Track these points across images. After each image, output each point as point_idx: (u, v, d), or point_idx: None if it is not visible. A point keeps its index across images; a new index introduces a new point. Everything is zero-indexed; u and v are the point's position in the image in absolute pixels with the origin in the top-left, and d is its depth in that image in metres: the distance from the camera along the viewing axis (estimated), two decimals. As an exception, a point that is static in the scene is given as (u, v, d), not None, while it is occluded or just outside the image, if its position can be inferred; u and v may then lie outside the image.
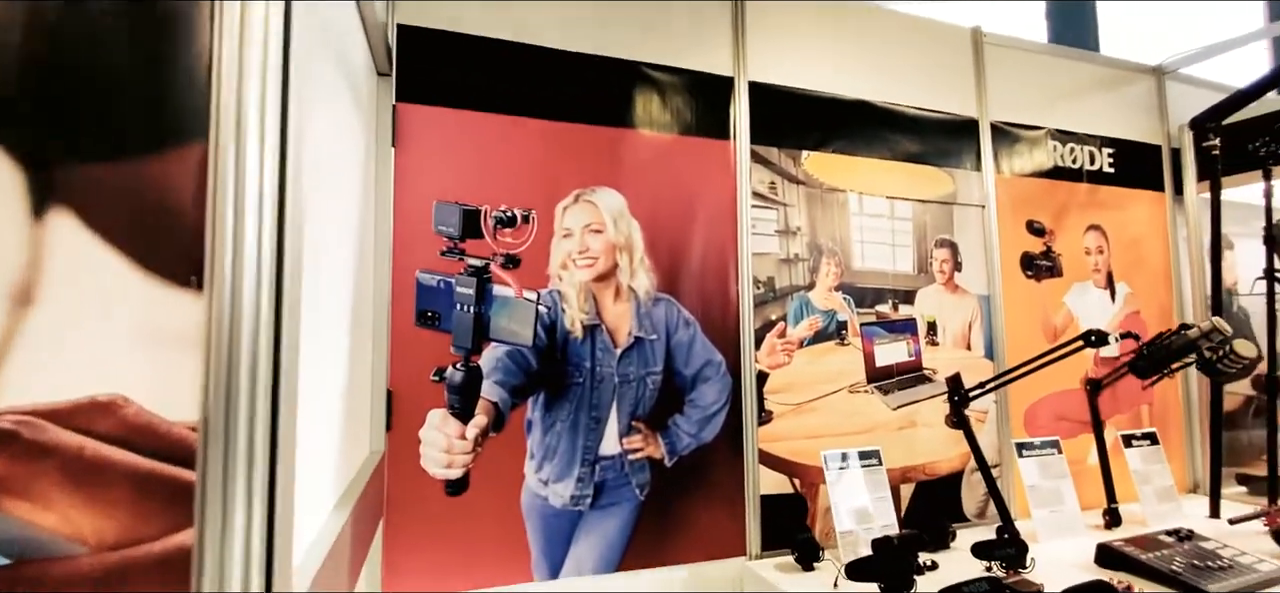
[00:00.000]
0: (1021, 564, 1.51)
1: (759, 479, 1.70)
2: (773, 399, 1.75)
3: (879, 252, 1.94)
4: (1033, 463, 1.88)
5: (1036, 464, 1.88)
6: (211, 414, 0.49)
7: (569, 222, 1.57)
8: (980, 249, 2.09)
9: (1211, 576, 1.42)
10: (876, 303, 1.91)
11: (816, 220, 1.85)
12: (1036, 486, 1.86)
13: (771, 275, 1.78)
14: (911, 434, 1.91)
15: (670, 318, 1.65)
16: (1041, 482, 1.87)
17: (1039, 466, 1.88)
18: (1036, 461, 1.88)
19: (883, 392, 1.89)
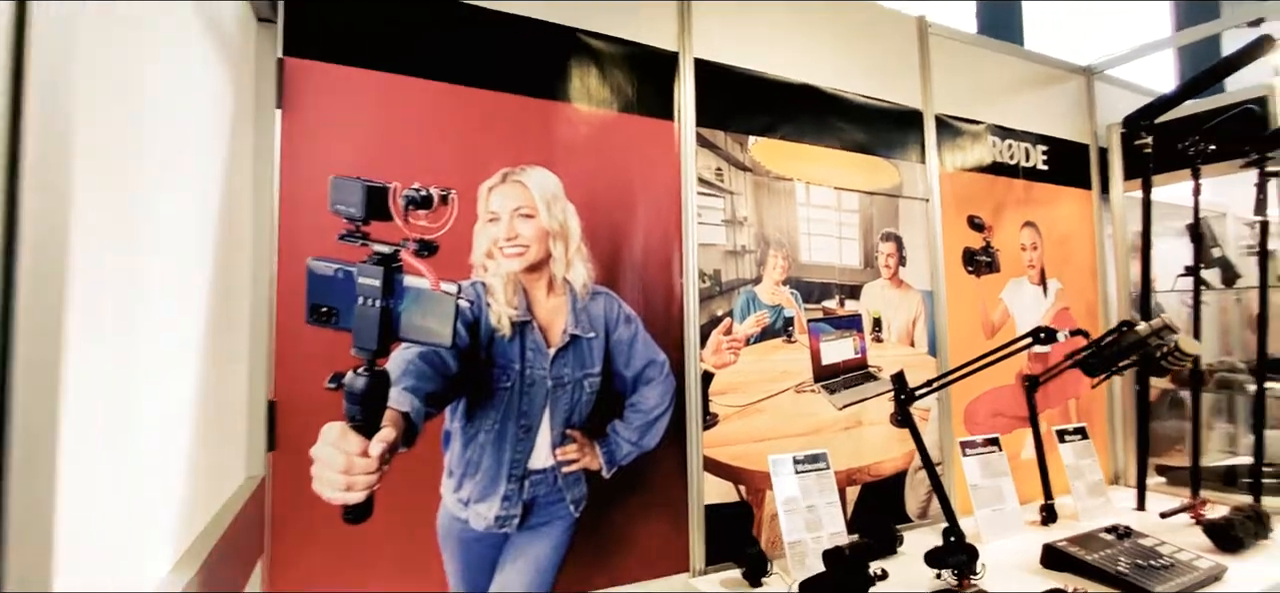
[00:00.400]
0: (973, 571, 1.45)
1: (703, 488, 1.57)
2: (718, 401, 1.63)
3: (826, 245, 1.85)
4: (975, 462, 1.85)
5: (978, 463, 1.85)
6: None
7: (495, 204, 1.38)
8: (924, 244, 2.04)
9: (1156, 576, 1.40)
10: (823, 298, 1.83)
11: (764, 210, 1.74)
12: (979, 485, 1.83)
13: (718, 268, 1.66)
14: (857, 434, 1.84)
15: (610, 314, 1.49)
16: (983, 481, 1.84)
17: (981, 464, 1.86)
18: (978, 459, 1.86)
19: (829, 391, 1.81)
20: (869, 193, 1.94)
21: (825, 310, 1.83)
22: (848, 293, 1.88)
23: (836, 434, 1.80)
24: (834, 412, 1.81)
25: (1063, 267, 2.39)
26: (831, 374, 1.82)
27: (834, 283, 1.85)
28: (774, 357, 1.73)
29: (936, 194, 2.06)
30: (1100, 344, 1.54)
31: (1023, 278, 2.28)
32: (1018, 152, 2.31)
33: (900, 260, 1.99)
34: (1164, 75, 4.05)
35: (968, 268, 2.14)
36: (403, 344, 1.28)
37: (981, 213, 2.19)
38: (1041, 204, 2.36)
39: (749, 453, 1.65)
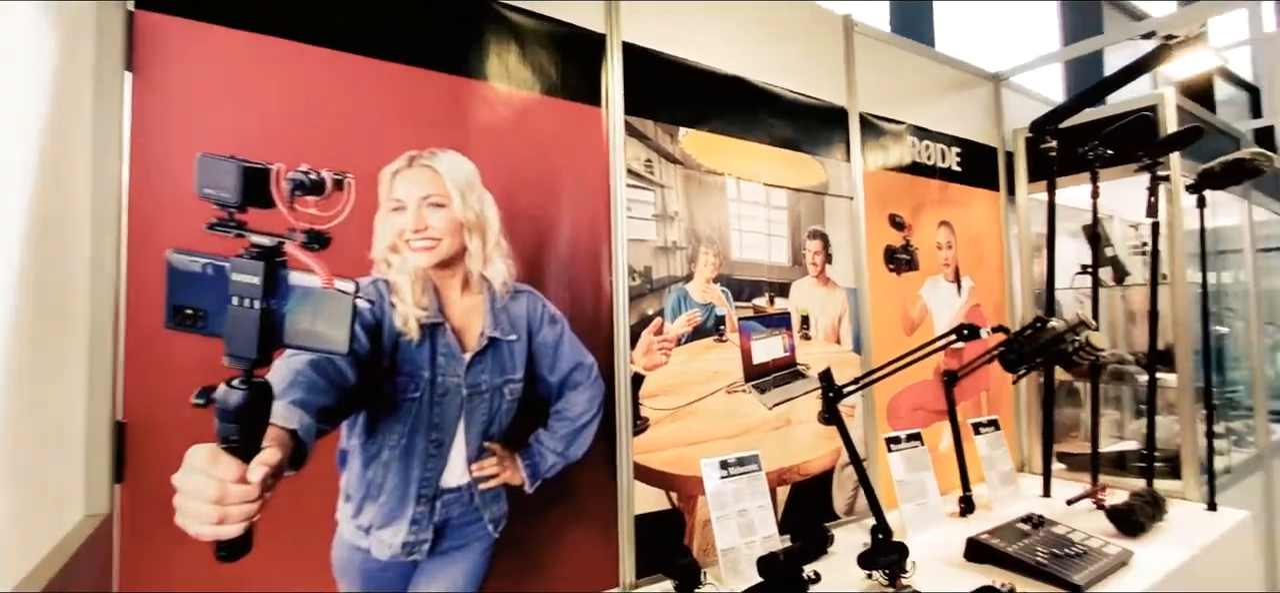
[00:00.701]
0: (903, 570, 1.45)
1: (633, 497, 1.48)
2: (649, 405, 1.54)
3: (756, 242, 1.81)
4: (900, 457, 1.87)
5: (903, 458, 1.87)
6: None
7: (401, 191, 1.23)
8: (849, 242, 2.05)
9: (1072, 565, 1.44)
10: (753, 296, 1.79)
11: (695, 205, 1.67)
12: (903, 480, 1.85)
13: (648, 265, 1.57)
14: (786, 434, 1.81)
15: (533, 314, 1.37)
16: (907, 475, 1.86)
17: (905, 459, 1.88)
18: (903, 455, 1.88)
19: (760, 390, 1.77)
20: (797, 189, 1.92)
21: (755, 309, 1.79)
22: (777, 290, 1.84)
23: (767, 434, 1.76)
24: (764, 412, 1.77)
25: (975, 265, 2.48)
26: (762, 373, 1.78)
27: (764, 280, 1.81)
28: (706, 357, 1.66)
29: (860, 192, 2.07)
30: (1018, 340, 1.58)
31: (939, 275, 2.34)
32: (934, 152, 2.38)
33: (827, 258, 1.98)
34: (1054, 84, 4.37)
35: (889, 266, 2.18)
36: (288, 352, 1.10)
37: (902, 212, 2.23)
38: (956, 204, 2.44)
39: (680, 458, 1.58)
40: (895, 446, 1.87)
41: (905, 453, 1.87)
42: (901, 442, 1.88)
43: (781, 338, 1.85)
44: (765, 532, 1.54)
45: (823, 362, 1.93)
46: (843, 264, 2.02)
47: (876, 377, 1.71)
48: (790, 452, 1.82)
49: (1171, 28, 2.08)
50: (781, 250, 1.87)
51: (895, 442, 1.88)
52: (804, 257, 1.92)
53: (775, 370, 1.82)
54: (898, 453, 1.86)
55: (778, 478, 1.78)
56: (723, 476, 1.53)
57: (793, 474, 1.82)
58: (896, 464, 1.85)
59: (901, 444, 1.88)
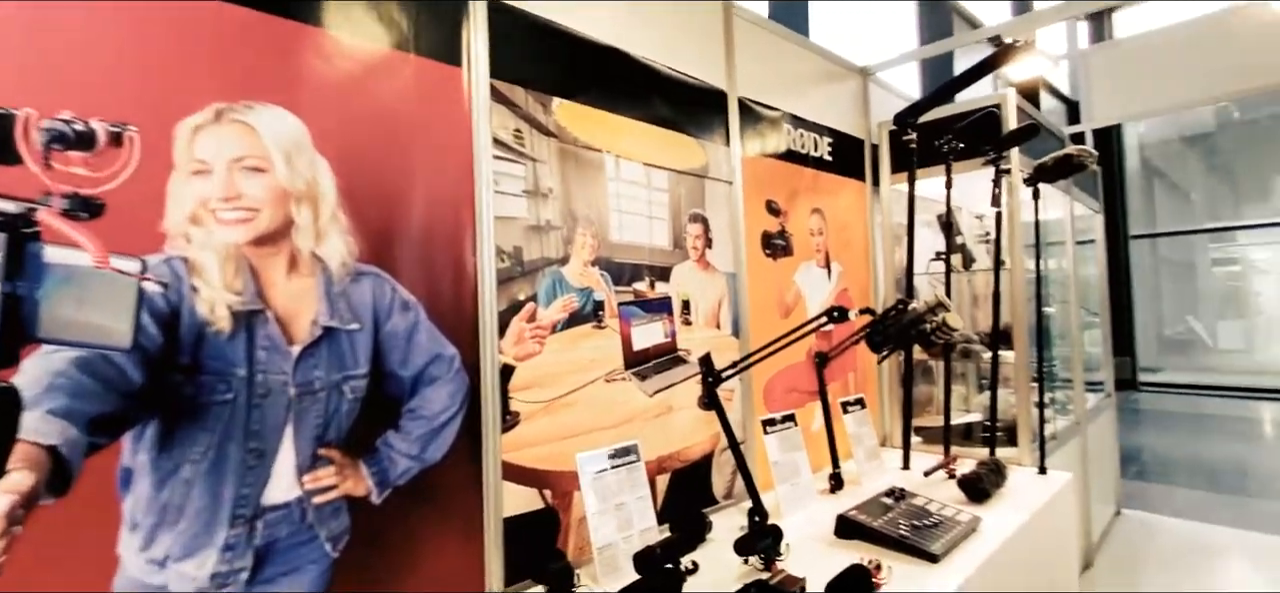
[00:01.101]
0: (778, 552, 1.44)
1: (502, 498, 1.36)
2: (520, 398, 1.42)
3: (636, 224, 1.74)
4: (775, 439, 1.89)
5: (778, 439, 1.89)
6: None
7: (205, 150, 1.01)
8: (728, 226, 2.04)
9: (931, 535, 1.51)
10: (634, 280, 1.71)
11: (571, 182, 1.57)
12: (779, 461, 1.87)
13: (519, 246, 1.44)
14: (666, 421, 1.77)
15: (381, 300, 1.20)
16: (782, 456, 1.89)
17: (780, 440, 1.90)
18: (778, 436, 1.90)
19: (640, 378, 1.70)
20: (679, 171, 1.87)
21: (636, 293, 1.72)
22: (658, 274, 1.79)
23: (648, 423, 1.71)
24: (645, 400, 1.71)
25: (843, 251, 2.59)
26: (642, 360, 1.72)
27: (644, 264, 1.75)
28: (583, 345, 1.57)
29: (739, 177, 2.07)
30: (883, 321, 1.64)
31: (812, 261, 2.41)
32: (808, 141, 2.44)
33: (707, 242, 1.95)
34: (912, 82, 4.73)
35: (766, 251, 2.20)
36: (44, 348, 0.87)
37: (778, 198, 2.26)
38: (827, 192, 2.52)
39: (555, 453, 1.48)
40: (771, 427, 1.88)
41: (780, 434, 1.90)
42: (776, 423, 1.91)
43: (662, 323, 1.79)
44: (644, 525, 1.48)
45: (703, 347, 1.90)
46: (722, 249, 2.01)
47: (754, 360, 1.71)
48: (670, 439, 1.78)
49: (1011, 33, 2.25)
50: (662, 233, 1.81)
51: (771, 423, 1.89)
52: (685, 240, 1.88)
53: (656, 357, 1.77)
54: (773, 435, 1.88)
55: (657, 467, 1.73)
56: (600, 469, 1.44)
57: (672, 462, 1.78)
58: (772, 446, 1.86)
59: (777, 426, 1.90)
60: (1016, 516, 1.76)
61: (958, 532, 1.55)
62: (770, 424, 1.89)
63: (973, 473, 1.88)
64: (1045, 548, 1.90)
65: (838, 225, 2.56)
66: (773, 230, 2.23)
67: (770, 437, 1.87)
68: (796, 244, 2.33)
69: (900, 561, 1.47)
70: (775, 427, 1.90)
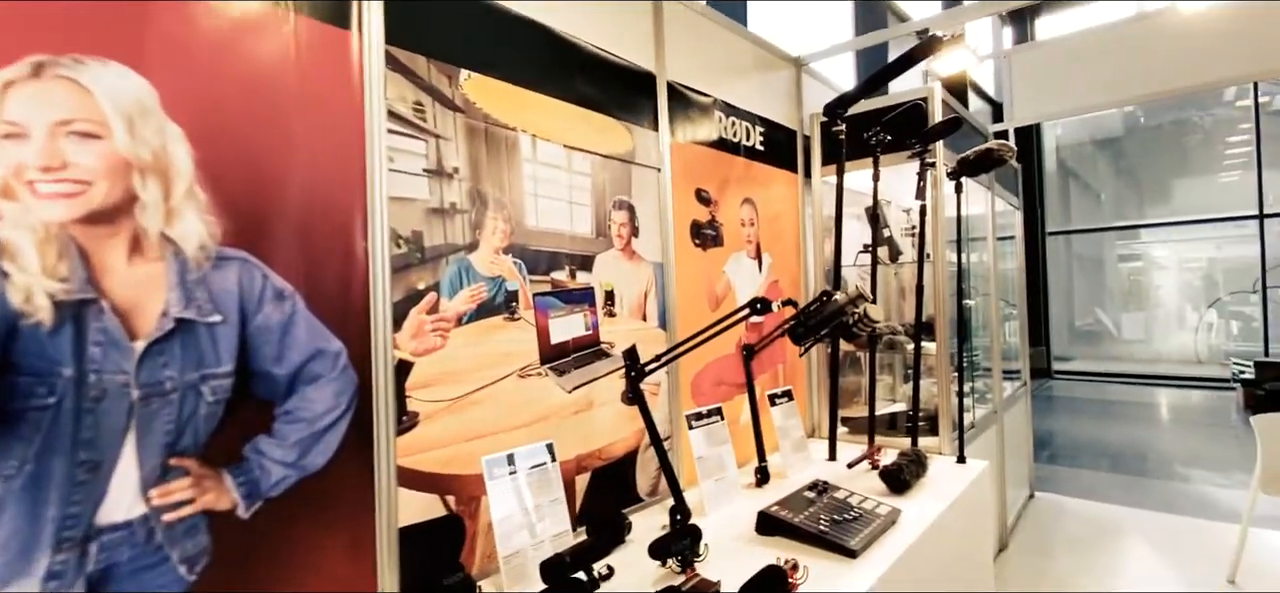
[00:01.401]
0: (697, 554, 1.39)
1: (396, 507, 1.25)
2: (419, 397, 1.31)
3: (555, 210, 1.64)
4: (701, 433, 1.84)
5: (703, 434, 1.85)
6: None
7: (19, 111, 0.85)
8: (656, 214, 1.97)
9: (850, 529, 1.50)
10: (552, 269, 1.62)
11: (481, 163, 1.45)
12: (704, 456, 1.82)
13: (419, 230, 1.32)
14: (587, 418, 1.69)
15: (248, 288, 1.07)
16: (708, 451, 1.84)
17: (706, 435, 1.85)
18: (704, 430, 1.85)
19: (558, 372, 1.61)
20: (603, 156, 1.78)
21: (554, 283, 1.62)
22: (579, 264, 1.70)
23: (566, 420, 1.62)
24: (563, 396, 1.62)
25: (774, 242, 2.56)
26: (561, 354, 1.63)
27: (564, 252, 1.66)
28: (494, 338, 1.46)
29: (667, 164, 2.00)
30: (806, 313, 1.61)
31: (742, 251, 2.37)
32: (740, 130, 2.39)
33: (633, 230, 1.88)
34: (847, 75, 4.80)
35: (695, 241, 2.14)
36: None
37: (708, 187, 2.21)
38: (758, 183, 2.49)
39: (460, 456, 1.37)
40: (696, 422, 1.83)
41: (705, 429, 1.85)
42: (702, 417, 1.86)
43: (584, 315, 1.71)
44: (557, 529, 1.40)
45: (628, 339, 1.83)
46: (649, 238, 1.94)
47: (678, 353, 1.65)
48: (591, 436, 1.70)
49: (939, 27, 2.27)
50: (584, 220, 1.72)
51: (697, 418, 1.84)
52: (609, 228, 1.80)
53: (577, 350, 1.68)
54: (698, 429, 1.83)
55: (577, 466, 1.65)
56: (508, 472, 1.35)
57: (594, 460, 1.70)
58: (697, 441, 1.81)
59: (702, 420, 1.85)
60: (935, 505, 1.77)
61: (877, 526, 1.54)
62: (696, 418, 1.84)
63: (894, 465, 1.89)
64: (962, 536, 1.94)
65: (769, 216, 2.54)
66: (702, 220, 2.18)
67: (695, 431, 1.82)
68: (727, 234, 2.29)
69: (819, 557, 1.45)
70: (701, 421, 1.85)
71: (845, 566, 1.41)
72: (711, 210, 2.22)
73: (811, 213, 2.75)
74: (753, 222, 2.44)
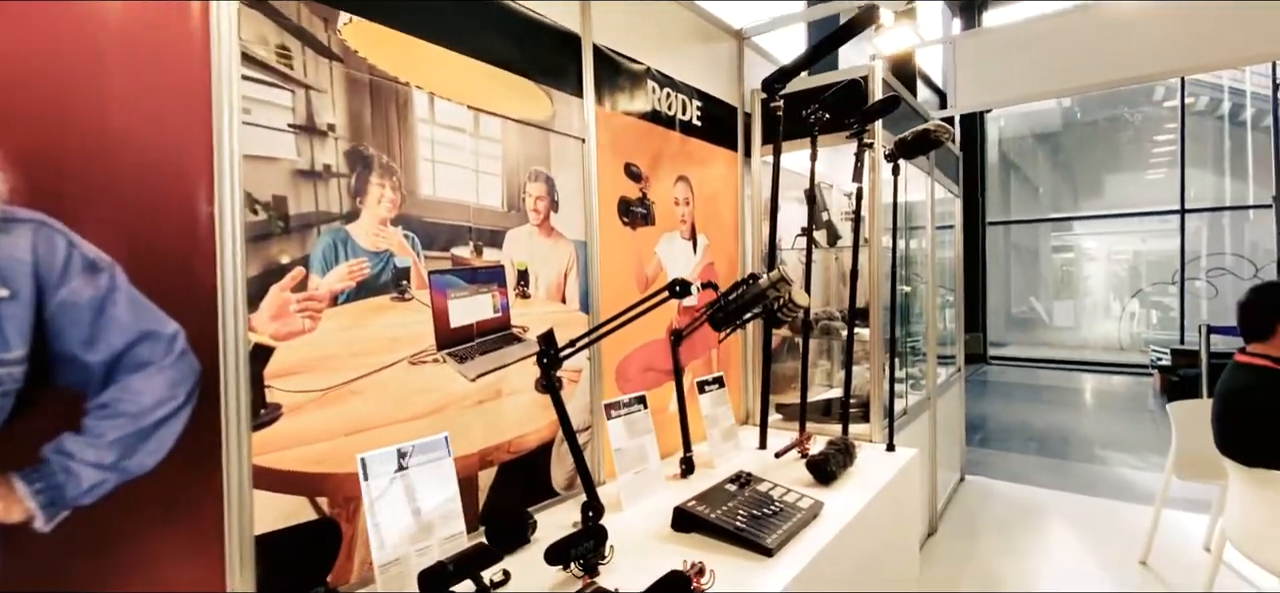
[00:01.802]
0: (601, 557, 1.28)
1: (250, 512, 1.09)
2: (282, 386, 1.15)
3: (458, 178, 1.48)
4: (620, 424, 1.73)
5: (623, 424, 1.74)
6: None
7: None
8: (579, 189, 1.83)
9: (769, 525, 1.42)
10: (453, 245, 1.47)
11: (364, 121, 1.28)
12: (623, 448, 1.71)
13: (282, 194, 1.15)
14: (495, 408, 1.55)
15: (48, 258, 0.88)
16: (628, 442, 1.74)
17: (626, 425, 1.74)
18: (623, 420, 1.74)
19: (459, 359, 1.47)
20: (517, 121, 1.63)
21: (455, 260, 1.47)
22: (487, 240, 1.55)
23: (468, 410, 1.48)
24: (465, 384, 1.48)
25: (711, 223, 2.46)
26: (463, 339, 1.48)
27: (469, 226, 1.50)
28: (379, 321, 1.31)
29: (593, 134, 1.86)
30: (727, 297, 1.51)
31: (676, 232, 2.26)
32: (676, 103, 2.27)
33: (552, 205, 1.74)
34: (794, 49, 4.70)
35: (623, 219, 2.02)
36: None
37: (639, 162, 2.08)
38: (695, 160, 2.37)
39: (337, 452, 1.22)
40: (616, 411, 1.72)
41: (626, 419, 1.74)
42: (623, 407, 1.75)
43: (492, 296, 1.56)
44: (449, 531, 1.26)
45: (544, 323, 1.70)
46: (571, 214, 1.80)
47: (594, 337, 1.53)
48: (499, 428, 1.57)
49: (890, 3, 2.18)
50: (494, 191, 1.57)
51: (616, 407, 1.73)
52: (523, 201, 1.65)
53: (483, 335, 1.54)
54: (618, 419, 1.72)
55: (480, 461, 1.51)
56: (393, 469, 1.21)
57: (501, 453, 1.57)
58: (616, 432, 1.70)
59: (622, 410, 1.74)
60: (860, 496, 1.72)
61: (797, 521, 1.47)
62: (615, 408, 1.73)
63: (820, 455, 1.83)
64: (889, 524, 1.90)
65: (706, 196, 2.43)
66: (632, 197, 2.05)
67: (615, 421, 1.71)
68: (659, 213, 2.17)
69: (734, 556, 1.36)
70: (620, 411, 1.74)
71: (760, 565, 1.33)
72: (642, 187, 2.09)
73: (751, 194, 2.66)
74: (688, 200, 2.33)
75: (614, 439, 1.69)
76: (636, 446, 1.76)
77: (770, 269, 2.15)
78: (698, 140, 2.39)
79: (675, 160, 2.26)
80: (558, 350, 1.52)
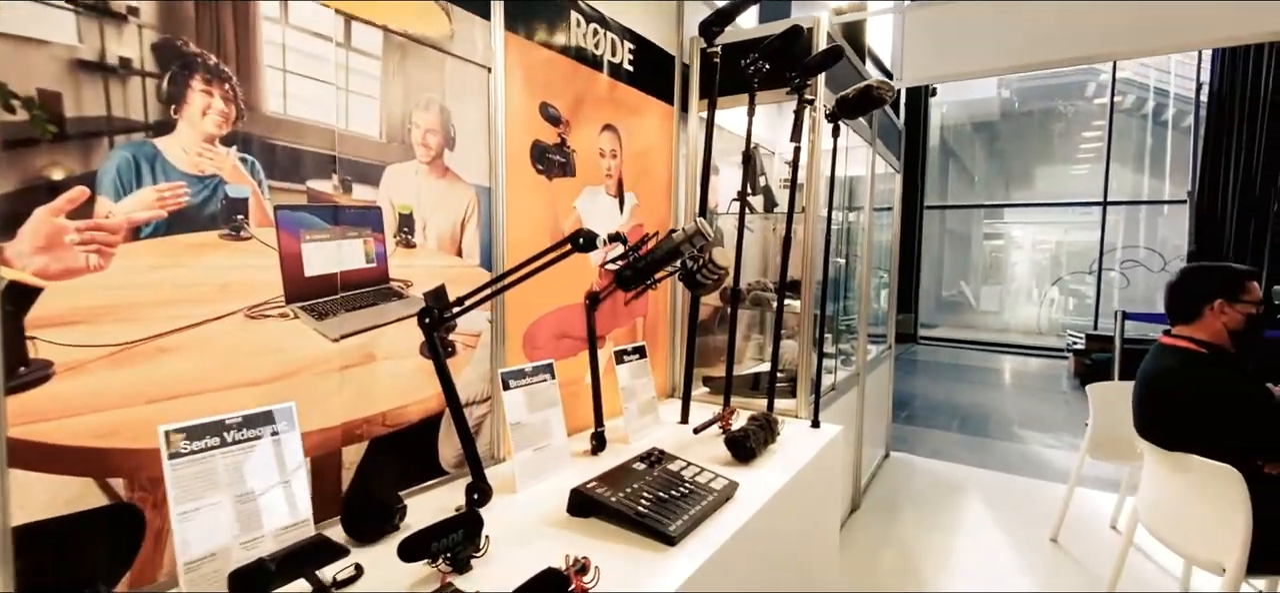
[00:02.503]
0: (474, 548, 1.10)
1: (7, 496, 0.85)
2: (57, 338, 0.90)
3: (320, 96, 1.23)
4: (519, 395, 1.54)
5: (523, 396, 1.55)
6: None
7: None
8: (483, 125, 1.60)
9: (674, 510, 1.26)
10: (311, 176, 1.22)
11: (183, 9, 1.02)
12: (521, 422, 1.53)
13: (54, 90, 0.89)
14: (366, 374, 1.33)
15: None
16: (529, 416, 1.55)
17: (526, 397, 1.56)
18: (524, 392, 1.55)
19: (317, 315, 1.24)
20: (401, 35, 1.38)
21: (314, 195, 1.23)
22: (357, 174, 1.31)
23: (328, 376, 1.26)
24: (325, 346, 1.25)
25: (641, 180, 2.27)
26: (323, 291, 1.25)
27: (332, 154, 1.26)
28: (202, 262, 1.06)
29: (501, 64, 1.63)
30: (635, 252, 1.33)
31: (600, 187, 2.06)
32: (605, 42, 2.05)
33: (447, 142, 1.50)
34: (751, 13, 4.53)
35: (537, 166, 1.80)
36: None
37: (558, 103, 1.86)
38: (625, 109, 2.17)
39: (136, 423, 0.98)
40: (515, 381, 1.53)
41: (526, 389, 1.55)
42: (524, 376, 1.56)
43: (365, 243, 1.33)
44: (286, 521, 1.05)
45: (435, 279, 1.48)
46: (472, 154, 1.57)
47: (485, 295, 1.32)
48: (372, 397, 1.35)
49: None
50: (368, 116, 1.33)
51: (517, 377, 1.54)
52: (409, 134, 1.41)
53: (351, 288, 1.31)
54: (517, 390, 1.53)
55: (346, 434, 1.30)
56: (212, 445, 0.98)
57: (371, 427, 1.35)
58: (514, 404, 1.51)
59: (523, 380, 1.55)
60: (780, 475, 1.60)
61: (707, 504, 1.32)
62: (515, 377, 1.54)
63: (740, 431, 1.70)
64: (809, 504, 1.79)
65: (636, 150, 2.23)
66: (549, 142, 1.83)
67: (513, 393, 1.52)
68: (581, 164, 1.96)
69: (634, 544, 1.21)
70: (522, 380, 1.55)
71: (660, 555, 1.18)
72: (561, 132, 1.88)
73: (686, 153, 2.48)
74: (615, 153, 2.12)
75: (510, 413, 1.49)
76: (540, 420, 1.57)
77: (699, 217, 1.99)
78: (629, 87, 2.18)
79: (601, 107, 2.05)
80: (444, 310, 1.31)
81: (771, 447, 1.83)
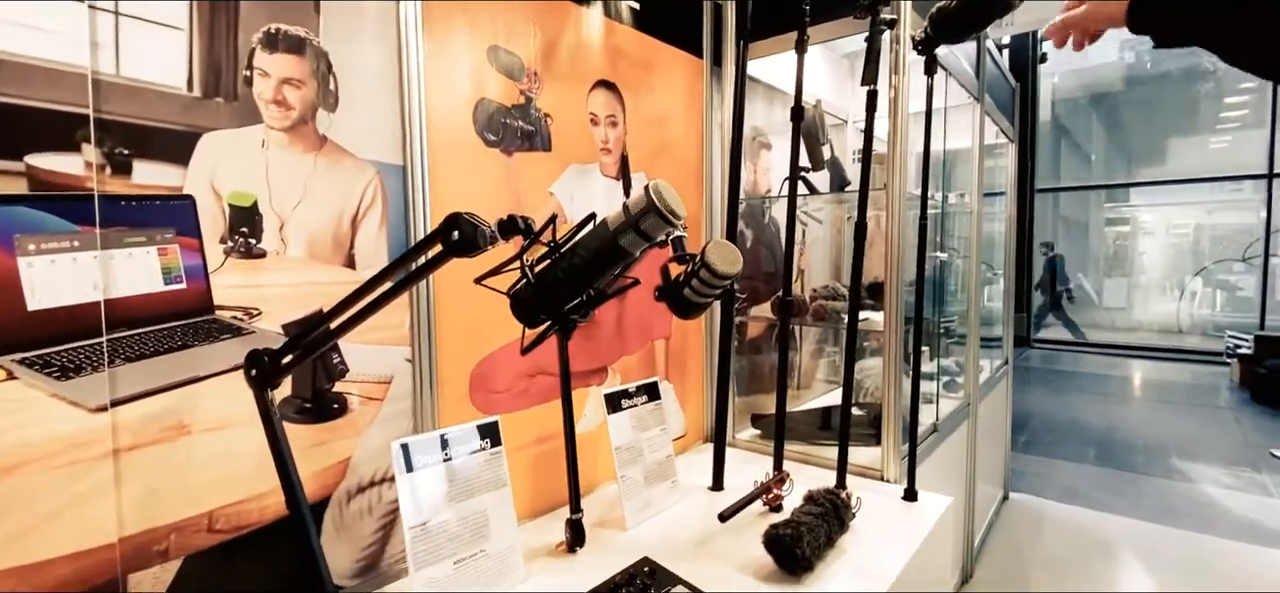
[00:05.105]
0: None
1: None
2: None
3: (49, 11, 0.76)
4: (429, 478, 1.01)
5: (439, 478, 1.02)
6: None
7: None
8: (384, 74, 1.10)
9: None
10: (41, 147, 0.75)
11: None
12: (430, 523, 1.00)
13: None
14: (174, 454, 0.85)
15: None
16: (448, 512, 1.02)
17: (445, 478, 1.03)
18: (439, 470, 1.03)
19: (57, 372, 0.76)
20: (233, -63, 0.90)
21: (41, 176, 0.76)
22: (139, 144, 0.83)
23: (86, 468, 0.78)
24: (81, 420, 0.78)
25: (657, 157, 1.70)
26: (69, 332, 0.78)
27: (84, 112, 0.79)
28: None
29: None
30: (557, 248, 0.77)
31: (593, 166, 1.51)
32: (596, -30, 1.50)
33: (322, 98, 1.01)
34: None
35: (489, 137, 1.27)
36: None
37: (520, 50, 1.33)
38: (631, 61, 1.61)
39: None
40: (422, 456, 1.00)
41: (444, 467, 1.02)
42: (444, 446, 1.03)
43: (159, 253, 0.85)
44: None
45: (306, 301, 0.99)
46: (370, 117, 1.07)
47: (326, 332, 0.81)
48: (189, 489, 0.87)
49: None
50: (164, 54, 0.85)
51: (428, 448, 1.01)
52: (248, 82, 0.93)
53: (137, 324, 0.83)
54: (425, 470, 1.00)
55: (136, 552, 0.82)
56: None
57: (187, 537, 0.87)
58: (417, 494, 0.99)
59: (439, 452, 1.02)
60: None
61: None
62: (426, 450, 1.01)
63: (788, 526, 1.09)
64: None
65: (649, 117, 1.67)
66: (505, 103, 1.31)
67: (417, 474, 0.99)
68: (560, 133, 1.42)
69: None
70: (432, 455, 1.02)
71: None
72: (526, 88, 1.35)
73: (722, 121, 1.88)
74: (614, 120, 1.57)
75: (408, 510, 0.97)
76: (471, 514, 1.04)
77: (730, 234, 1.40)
78: (636, 31, 1.62)
79: (592, 56, 1.50)
80: (278, 354, 0.81)
81: (841, 541, 1.22)
